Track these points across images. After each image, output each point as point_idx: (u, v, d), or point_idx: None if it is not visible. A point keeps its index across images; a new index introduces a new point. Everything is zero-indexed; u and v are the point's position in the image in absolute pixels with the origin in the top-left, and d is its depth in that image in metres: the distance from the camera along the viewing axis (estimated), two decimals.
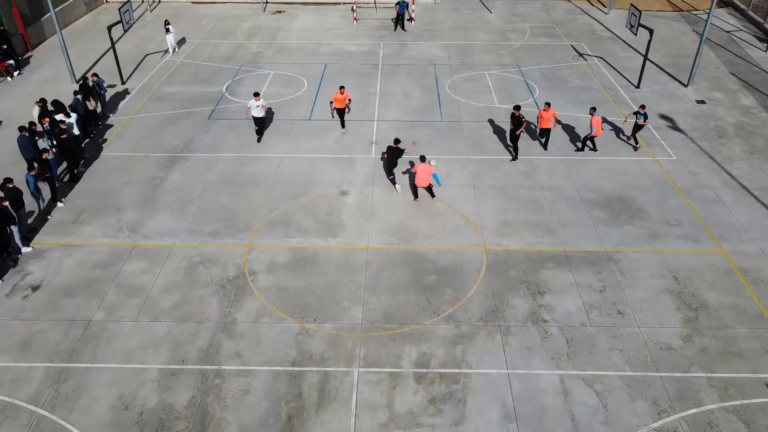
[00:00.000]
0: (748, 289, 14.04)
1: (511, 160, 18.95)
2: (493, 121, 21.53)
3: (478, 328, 13.02)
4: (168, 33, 26.77)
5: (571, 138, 20.37)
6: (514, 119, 18.33)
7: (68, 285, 14.21)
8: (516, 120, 18.27)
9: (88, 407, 11.37)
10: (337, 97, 19.93)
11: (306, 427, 11.00)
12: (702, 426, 11.00)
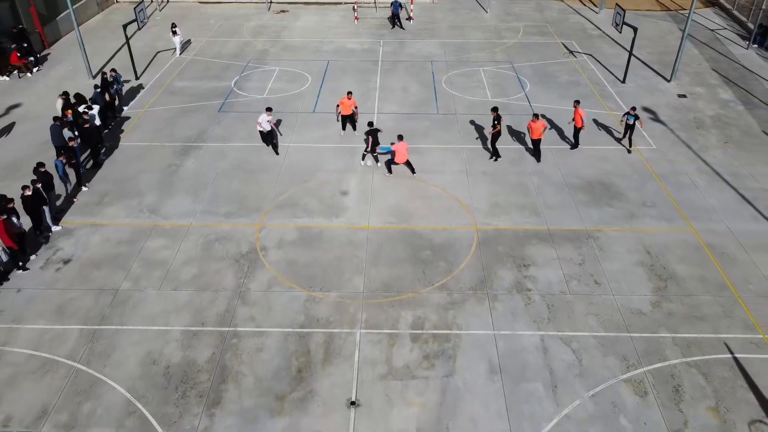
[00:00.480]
0: (714, 263, 15.45)
1: (492, 159, 19.77)
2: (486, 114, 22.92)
3: (468, 296, 14.43)
4: (175, 35, 28.02)
5: (558, 130, 21.74)
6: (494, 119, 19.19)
7: (96, 259, 15.63)
8: (492, 122, 19.12)
9: (120, 362, 12.79)
10: (343, 102, 20.62)
11: (314, 379, 12.41)
12: (665, 377, 12.41)
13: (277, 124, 20.87)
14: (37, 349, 13.10)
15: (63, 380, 12.40)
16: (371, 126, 19.08)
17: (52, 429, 11.44)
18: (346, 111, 20.76)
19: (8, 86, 25.42)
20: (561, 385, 12.27)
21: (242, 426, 11.50)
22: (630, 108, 19.94)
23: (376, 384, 12.30)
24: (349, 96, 20.74)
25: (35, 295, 14.51)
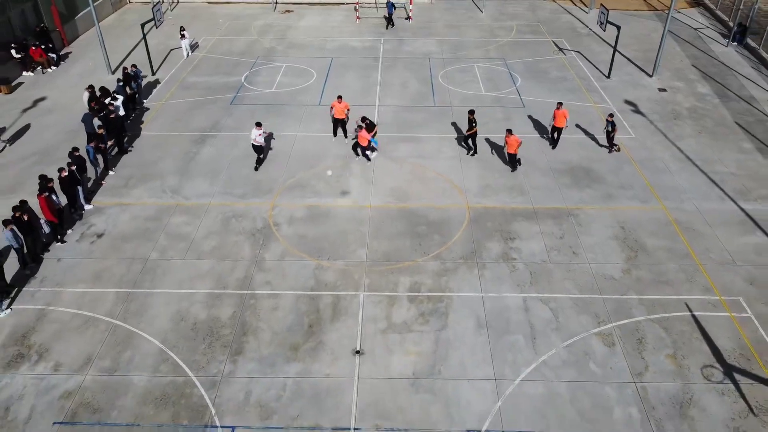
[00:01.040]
0: (681, 236, 17.22)
1: (469, 154, 21.09)
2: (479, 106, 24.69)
3: (459, 264, 16.20)
4: (183, 38, 29.30)
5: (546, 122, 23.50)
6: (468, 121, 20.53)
7: (126, 233, 17.40)
8: (469, 123, 20.46)
9: (153, 319, 14.56)
10: (335, 105, 21.30)
11: (323, 332, 14.18)
12: (631, 331, 14.17)
13: (268, 137, 21.56)
14: (79, 309, 14.87)
15: (103, 333, 14.17)
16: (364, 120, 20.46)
17: (97, 373, 13.21)
18: (339, 114, 21.44)
19: (33, 81, 27.19)
20: (539, 337, 14.03)
21: (262, 370, 13.27)
22: (608, 115, 21.01)
23: (378, 336, 14.07)
24: (339, 99, 21.38)
25: (74, 264, 16.28)
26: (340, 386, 12.95)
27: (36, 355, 13.69)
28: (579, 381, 13.01)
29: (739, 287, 15.45)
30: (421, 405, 12.53)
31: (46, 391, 12.84)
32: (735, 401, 12.60)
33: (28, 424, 12.20)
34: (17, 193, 19.06)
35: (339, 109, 21.39)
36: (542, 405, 12.52)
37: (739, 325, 14.37)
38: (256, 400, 12.65)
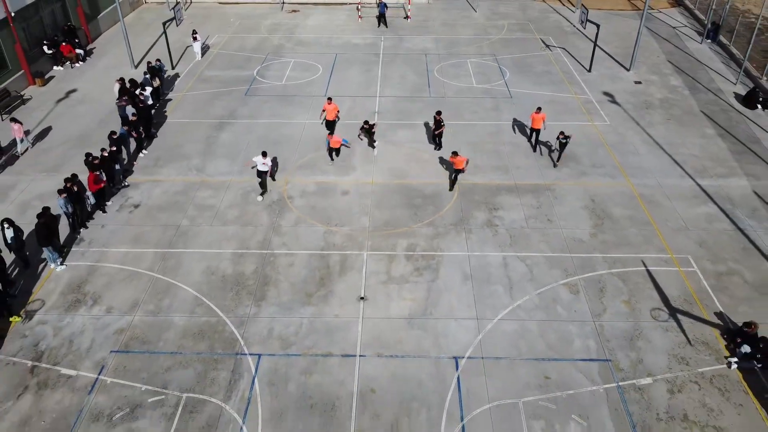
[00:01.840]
0: (643, 207, 19.76)
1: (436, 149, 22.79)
2: (470, 97, 27.22)
3: (449, 230, 18.74)
4: (195, 41, 31.27)
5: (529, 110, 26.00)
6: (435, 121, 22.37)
7: (159, 204, 19.95)
8: (436, 122, 22.39)
9: (187, 273, 17.10)
10: (326, 108, 22.68)
11: (332, 283, 16.72)
12: (594, 282, 16.71)
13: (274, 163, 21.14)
14: (123, 265, 17.42)
15: (146, 284, 16.72)
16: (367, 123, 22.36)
17: (143, 314, 15.76)
18: (330, 116, 22.84)
19: (63, 75, 29.74)
20: (515, 287, 16.58)
21: (282, 312, 15.82)
22: (559, 133, 21.59)
23: (379, 287, 16.61)
24: (329, 101, 22.81)
25: (116, 230, 18.83)
26: (347, 324, 15.49)
27: (91, 300, 16.24)
28: (547, 320, 15.56)
29: (689, 248, 18.00)
30: (415, 338, 15.08)
31: (102, 328, 15.39)
32: (676, 335, 15.15)
33: (89, 352, 14.75)
34: (60, 171, 21.60)
35: (330, 111, 22.89)
36: (515, 338, 15.06)
37: (686, 278, 16.91)
38: (277, 335, 15.19)
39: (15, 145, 22.85)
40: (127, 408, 13.46)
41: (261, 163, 19.77)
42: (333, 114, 23.01)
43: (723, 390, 13.83)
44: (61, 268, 17.18)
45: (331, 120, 23.19)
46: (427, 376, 14.14)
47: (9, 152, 22.58)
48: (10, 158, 22.24)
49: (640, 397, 13.66)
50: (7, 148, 22.75)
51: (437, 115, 22.33)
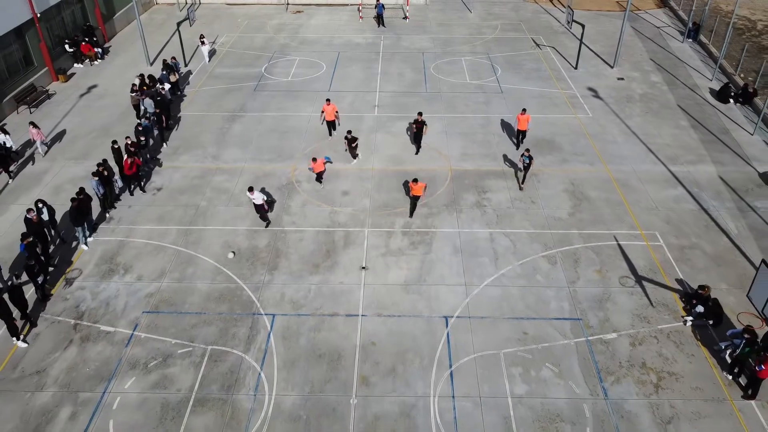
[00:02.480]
0: (617, 189, 21.80)
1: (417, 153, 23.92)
2: (464, 92, 29.26)
3: (442, 210, 20.79)
4: (203, 45, 32.85)
5: (518, 104, 28.05)
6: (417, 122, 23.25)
7: (179, 187, 22.00)
8: (419, 124, 23.24)
9: (206, 246, 19.15)
10: (325, 108, 23.88)
11: (337, 255, 18.77)
12: (570, 254, 18.76)
13: (269, 203, 20.68)
14: (149, 239, 19.47)
15: (171, 256, 18.77)
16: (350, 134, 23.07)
17: (170, 281, 17.81)
18: (329, 117, 24.14)
19: (84, 71, 31.79)
20: (500, 258, 18.63)
21: (292, 279, 17.87)
22: (524, 149, 22.27)
23: (379, 258, 18.66)
24: (328, 102, 24.02)
25: (142, 209, 20.89)
26: (350, 289, 17.55)
27: (123, 270, 18.30)
28: (527, 286, 17.61)
29: (657, 225, 20.05)
30: (410, 301, 17.13)
31: (134, 293, 17.45)
32: (640, 299, 17.21)
33: (124, 312, 16.81)
34: (88, 158, 23.66)
35: (329, 112, 24.16)
36: (499, 301, 17.11)
37: (652, 251, 18.97)
38: (289, 298, 17.25)
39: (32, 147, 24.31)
40: (160, 358, 15.51)
41: (251, 197, 19.45)
42: (332, 114, 24.33)
43: (678, 343, 15.89)
44: (84, 247, 19.10)
45: (331, 120, 24.52)
46: (421, 332, 16.19)
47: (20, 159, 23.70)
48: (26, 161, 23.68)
49: (605, 349, 15.71)
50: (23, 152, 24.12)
51: (419, 116, 23.49)
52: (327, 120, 24.57)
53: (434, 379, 14.94)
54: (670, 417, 14.07)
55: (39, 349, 15.80)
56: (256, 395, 14.59)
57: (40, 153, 24.04)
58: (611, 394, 14.58)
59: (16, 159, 23.19)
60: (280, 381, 14.91)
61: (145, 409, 14.28)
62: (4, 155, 22.16)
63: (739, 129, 25.88)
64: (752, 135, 25.34)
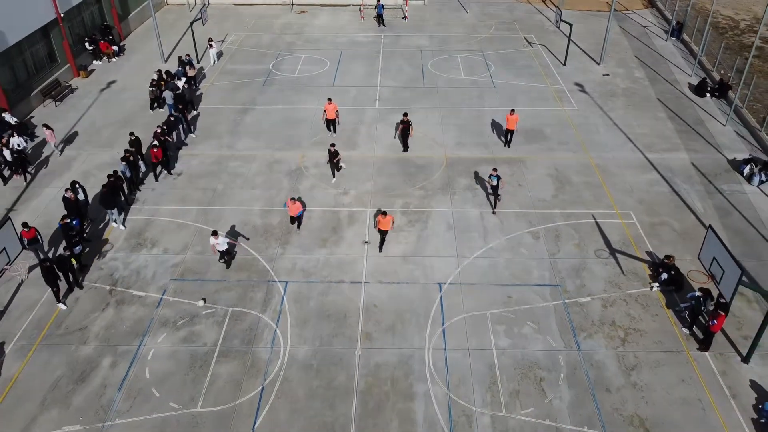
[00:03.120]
0: (597, 174, 23.90)
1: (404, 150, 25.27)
2: (459, 87, 31.35)
3: (437, 192, 22.89)
4: (211, 48, 34.47)
5: (510, 98, 30.14)
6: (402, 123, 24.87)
7: (198, 173, 24.10)
8: (405, 124, 24.70)
9: (225, 224, 21.24)
10: (326, 107, 25.44)
11: (342, 231, 20.86)
12: (552, 231, 20.85)
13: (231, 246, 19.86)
14: (173, 218, 21.57)
15: (193, 232, 20.87)
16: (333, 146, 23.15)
17: (193, 254, 19.91)
18: (330, 115, 25.65)
19: (103, 68, 33.89)
20: (489, 234, 20.73)
21: (302, 252, 19.97)
22: (492, 169, 21.81)
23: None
24: (329, 101, 25.63)
25: (164, 191, 23.00)
26: (354, 260, 19.65)
27: (150, 244, 20.41)
28: (512, 258, 19.71)
29: (632, 205, 22.15)
30: (407, 270, 19.23)
31: (161, 263, 19.56)
32: (613, 268, 19.31)
33: (153, 279, 18.91)
34: (112, 147, 25.77)
35: (330, 110, 25.70)
36: (487, 269, 19.21)
37: (626, 228, 21.06)
38: (300, 268, 19.36)
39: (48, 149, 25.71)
40: (187, 317, 17.62)
41: (215, 242, 18.64)
42: (333, 113, 25.79)
43: (644, 305, 17.99)
44: (122, 227, 21.17)
45: (332, 119, 26.03)
46: (417, 296, 18.29)
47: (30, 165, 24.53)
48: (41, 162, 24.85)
49: (580, 310, 17.82)
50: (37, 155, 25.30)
51: (404, 117, 24.91)
52: (328, 118, 26.29)
53: (429, 334, 17.04)
54: (633, 365, 16.17)
55: (80, 311, 17.91)
56: (273, 348, 16.70)
57: (57, 153, 25.37)
58: (583, 347, 16.68)
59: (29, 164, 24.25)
60: (293, 336, 17.01)
61: (176, 359, 16.38)
62: (22, 158, 23.46)
63: (712, 120, 27.97)
64: (724, 126, 27.43)
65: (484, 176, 23.68)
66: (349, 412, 15.02)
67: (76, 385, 15.70)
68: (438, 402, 15.26)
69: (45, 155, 25.45)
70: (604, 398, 15.33)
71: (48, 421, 14.82)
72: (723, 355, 16.48)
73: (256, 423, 14.78)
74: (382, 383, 15.72)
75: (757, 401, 15.21)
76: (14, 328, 17.31)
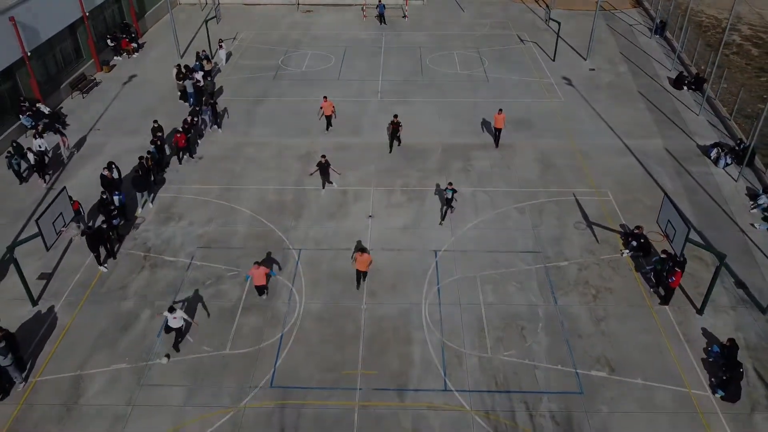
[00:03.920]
0: (580, 158, 26.38)
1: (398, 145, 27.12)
2: (454, 81, 33.82)
3: (434, 173, 25.37)
4: (221, 48, 36.67)
5: (502, 92, 32.59)
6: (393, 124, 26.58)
7: (217, 156, 26.60)
8: (394, 125, 26.47)
9: (243, 201, 23.71)
10: (323, 105, 27.43)
11: (348, 207, 23.34)
12: (536, 206, 23.32)
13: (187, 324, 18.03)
14: (197, 196, 24.06)
15: (215, 208, 23.35)
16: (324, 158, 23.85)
17: (216, 226, 22.39)
18: (327, 112, 27.75)
19: (124, 63, 36.37)
20: (479, 209, 23.21)
21: (314, 224, 22.45)
22: (447, 183, 22.43)
23: (382, 209, 23.23)
24: (325, 99, 27.68)
25: (188, 171, 25.50)
26: (360, 231, 22.13)
27: (177, 217, 22.89)
28: (500, 229, 22.19)
29: (609, 185, 24.62)
30: (407, 239, 21.72)
31: (188, 234, 22.04)
32: (589, 237, 21.77)
33: (182, 247, 21.40)
34: (137, 135, 28.23)
35: (326, 107, 27.69)
36: (476, 238, 21.69)
37: (603, 204, 23.53)
38: (312, 237, 21.85)
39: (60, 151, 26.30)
40: (214, 278, 20.10)
41: (172, 318, 17.12)
42: (330, 110, 27.79)
43: (615, 268, 20.47)
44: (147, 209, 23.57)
45: (329, 115, 28.01)
46: (415, 261, 20.78)
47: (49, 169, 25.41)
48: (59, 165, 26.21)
49: (558, 272, 20.30)
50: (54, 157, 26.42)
51: (395, 118, 26.68)
52: (325, 115, 28.40)
53: (425, 292, 19.53)
54: (603, 317, 18.66)
55: (119, 273, 20.39)
56: (290, 303, 19.19)
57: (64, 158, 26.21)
58: (560, 303, 19.16)
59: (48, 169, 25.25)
60: (307, 293, 19.50)
61: (206, 312, 18.86)
62: (42, 160, 24.55)
63: (687, 110, 30.46)
64: (698, 115, 29.92)
65: (477, 160, 26.18)
66: (356, 354, 17.50)
67: (120, 333, 18.19)
68: (433, 346, 17.74)
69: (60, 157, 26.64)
70: (576, 343, 17.82)
71: (98, 361, 17.30)
72: (681, 308, 18.96)
73: (277, 362, 17.26)
74: (385, 331, 18.20)
75: (707, 345, 17.69)
76: (63, 287, 19.80)
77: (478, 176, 25.21)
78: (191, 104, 30.14)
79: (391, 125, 27.05)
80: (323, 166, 23.72)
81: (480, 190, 24.33)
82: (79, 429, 15.44)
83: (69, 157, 26.62)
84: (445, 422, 15.67)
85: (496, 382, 16.70)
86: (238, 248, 21.36)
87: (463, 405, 16.08)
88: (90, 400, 16.23)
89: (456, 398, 16.27)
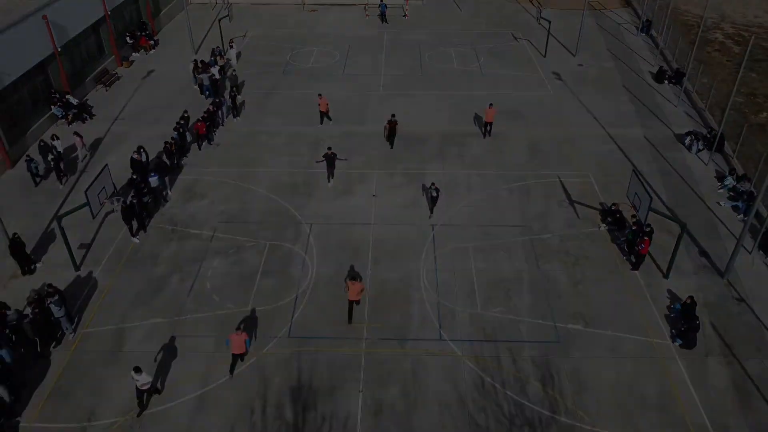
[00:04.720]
0: (566, 145, 28.80)
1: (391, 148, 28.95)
2: (450, 75, 36.25)
3: (432, 158, 27.82)
4: (231, 48, 38.80)
5: (496, 85, 35.02)
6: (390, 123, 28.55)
7: (233, 143, 29.05)
8: (392, 124, 28.29)
9: (259, 182, 26.15)
10: (319, 102, 29.68)
11: (354, 187, 25.79)
12: (524, 187, 25.74)
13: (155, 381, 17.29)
14: (216, 178, 26.50)
15: (233, 188, 25.80)
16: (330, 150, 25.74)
17: (235, 204, 24.83)
18: (323, 108, 30.03)
19: (142, 59, 38.81)
20: (473, 189, 25.65)
21: (323, 202, 24.89)
22: (431, 183, 24.15)
23: (386, 190, 25.66)
24: (320, 96, 29.92)
25: (207, 155, 27.95)
26: (365, 209, 24.58)
27: (199, 197, 25.33)
28: (491, 207, 24.63)
29: (591, 169, 27.06)
30: (407, 215, 24.16)
31: (209, 210, 24.49)
32: (571, 214, 24.22)
33: (205, 222, 23.85)
34: (159, 123, 30.65)
35: (322, 104, 30.05)
36: (470, 215, 24.13)
37: (585, 186, 25.97)
38: (322, 214, 24.29)
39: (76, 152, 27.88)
40: (235, 248, 22.55)
41: (135, 379, 16.33)
42: (325, 106, 30.14)
43: (593, 240, 22.92)
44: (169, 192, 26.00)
45: (324, 111, 30.37)
46: (414, 234, 23.22)
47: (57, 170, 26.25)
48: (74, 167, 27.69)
49: (541, 243, 22.74)
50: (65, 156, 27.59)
51: (392, 117, 28.41)
52: (321, 111, 30.69)
53: (423, 260, 21.97)
54: (580, 279, 21.10)
55: (150, 243, 22.84)
56: (303, 269, 21.63)
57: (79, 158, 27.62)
58: (542, 268, 21.61)
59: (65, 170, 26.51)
60: (318, 261, 21.95)
61: (229, 276, 21.31)
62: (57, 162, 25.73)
63: (667, 102, 32.90)
64: (676, 107, 32.35)
65: (471, 146, 28.63)
66: (363, 312, 19.94)
67: (154, 293, 20.64)
68: (430, 305, 20.19)
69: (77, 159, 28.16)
70: (555, 302, 20.26)
71: (137, 316, 19.77)
72: (649, 273, 21.41)
73: (293, 317, 19.72)
74: (387, 292, 20.64)
75: (670, 303, 20.14)
76: (101, 255, 22.26)
77: (471, 160, 27.65)
78: (206, 96, 32.54)
79: (389, 124, 28.84)
80: (329, 158, 25.55)
81: (473, 173, 26.76)
82: (125, 371, 17.85)
83: (85, 158, 28.00)
84: (440, 365, 18.12)
85: (485, 333, 19.15)
86: (255, 222, 23.80)
87: (455, 351, 18.54)
88: (133, 347, 18.69)
89: (449, 346, 18.72)
